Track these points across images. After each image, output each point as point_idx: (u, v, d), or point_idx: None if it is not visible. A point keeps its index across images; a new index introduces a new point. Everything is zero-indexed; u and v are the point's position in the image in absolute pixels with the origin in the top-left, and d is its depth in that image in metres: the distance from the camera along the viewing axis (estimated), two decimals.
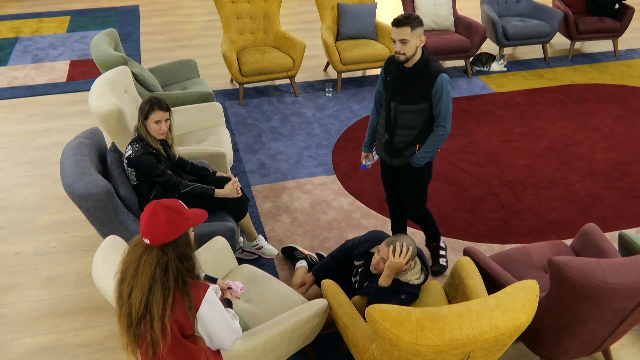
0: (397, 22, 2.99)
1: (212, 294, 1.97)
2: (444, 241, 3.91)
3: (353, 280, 3.19)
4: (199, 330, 1.97)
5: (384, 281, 2.85)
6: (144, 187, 3.39)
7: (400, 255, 2.79)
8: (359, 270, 3.14)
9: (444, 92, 3.08)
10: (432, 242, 3.83)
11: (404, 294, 2.88)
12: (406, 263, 2.83)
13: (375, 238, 3.16)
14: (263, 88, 6.13)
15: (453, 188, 4.62)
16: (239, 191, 3.50)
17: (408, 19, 2.98)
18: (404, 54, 3.04)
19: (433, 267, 3.77)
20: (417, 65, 3.11)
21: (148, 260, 1.92)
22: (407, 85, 3.13)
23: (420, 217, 3.61)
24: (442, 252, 3.81)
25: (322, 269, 3.34)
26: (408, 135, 3.26)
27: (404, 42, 3.00)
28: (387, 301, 2.81)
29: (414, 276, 2.91)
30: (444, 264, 3.78)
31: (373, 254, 3.11)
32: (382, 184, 3.69)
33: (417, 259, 2.97)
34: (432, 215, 3.67)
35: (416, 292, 2.92)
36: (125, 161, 3.30)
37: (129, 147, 3.29)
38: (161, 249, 1.92)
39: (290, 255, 3.79)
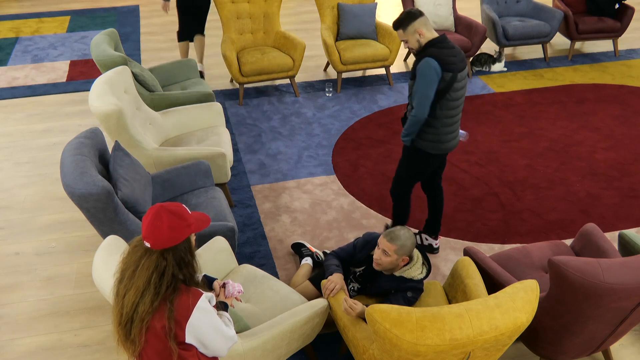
0: (393, 26, 3.31)
1: (204, 302, 1.95)
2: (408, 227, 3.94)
3: (348, 287, 3.17)
4: (190, 338, 1.95)
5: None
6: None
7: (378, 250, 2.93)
8: (357, 274, 3.15)
9: (419, 74, 3.19)
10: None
11: (410, 290, 2.96)
12: (397, 255, 2.88)
13: (373, 240, 3.16)
14: (263, 88, 6.13)
15: (453, 188, 4.62)
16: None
17: (399, 23, 3.25)
18: (412, 48, 3.31)
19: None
20: (420, 48, 3.30)
21: (147, 264, 1.91)
22: (414, 66, 3.35)
23: (393, 198, 3.74)
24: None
25: (343, 259, 3.23)
26: (409, 111, 3.43)
27: (404, 41, 3.32)
28: (395, 302, 2.91)
29: (416, 271, 2.98)
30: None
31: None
32: None
33: (418, 254, 3.03)
34: (406, 207, 3.74)
35: (421, 287, 3.00)
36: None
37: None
38: (161, 254, 1.92)
39: (298, 251, 3.83)
